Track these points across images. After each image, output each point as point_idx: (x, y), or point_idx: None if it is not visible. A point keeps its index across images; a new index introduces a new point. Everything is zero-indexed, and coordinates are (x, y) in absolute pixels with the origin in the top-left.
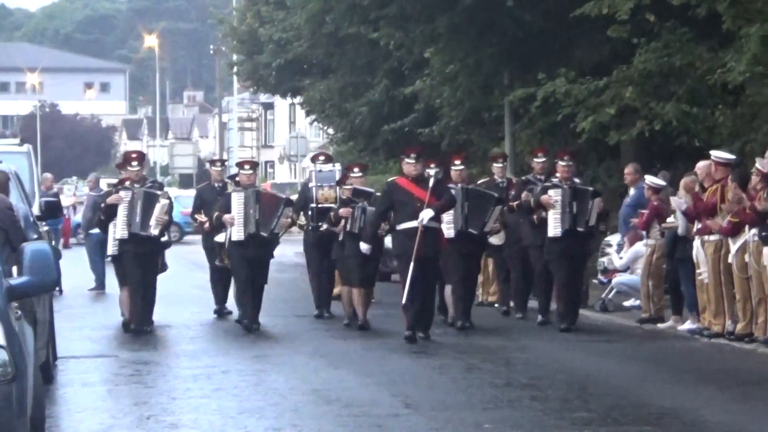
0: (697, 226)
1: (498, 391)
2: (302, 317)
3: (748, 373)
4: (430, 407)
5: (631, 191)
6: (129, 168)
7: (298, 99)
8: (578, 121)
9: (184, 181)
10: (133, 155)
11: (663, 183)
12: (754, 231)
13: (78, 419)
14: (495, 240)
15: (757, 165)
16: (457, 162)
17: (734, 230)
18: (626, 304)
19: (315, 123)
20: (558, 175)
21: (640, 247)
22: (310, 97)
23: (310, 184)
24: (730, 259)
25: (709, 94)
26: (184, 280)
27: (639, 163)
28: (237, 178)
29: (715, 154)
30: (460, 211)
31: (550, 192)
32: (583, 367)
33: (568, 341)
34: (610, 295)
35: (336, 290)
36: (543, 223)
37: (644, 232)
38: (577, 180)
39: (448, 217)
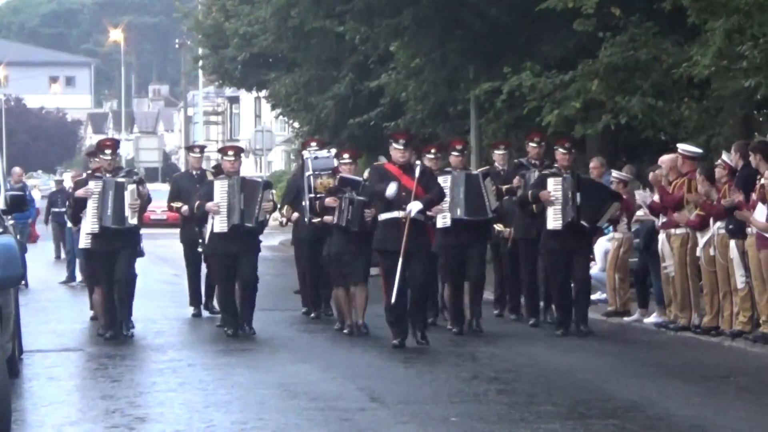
0: (662, 219)
1: (464, 385)
2: (268, 311)
3: (714, 367)
4: (396, 401)
5: None
6: (101, 156)
7: (263, 93)
8: (544, 114)
9: (150, 175)
10: (107, 143)
11: (630, 177)
12: (719, 224)
13: (44, 413)
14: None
15: (723, 158)
16: (458, 147)
17: (702, 224)
18: (592, 297)
19: (280, 117)
20: (557, 163)
21: (605, 243)
22: (276, 91)
23: (306, 173)
24: (698, 253)
25: (674, 87)
26: (150, 274)
27: (604, 157)
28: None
29: (682, 147)
30: (463, 197)
31: (550, 182)
32: (550, 361)
33: (534, 335)
34: None
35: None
36: (543, 213)
37: (609, 227)
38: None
39: (444, 205)
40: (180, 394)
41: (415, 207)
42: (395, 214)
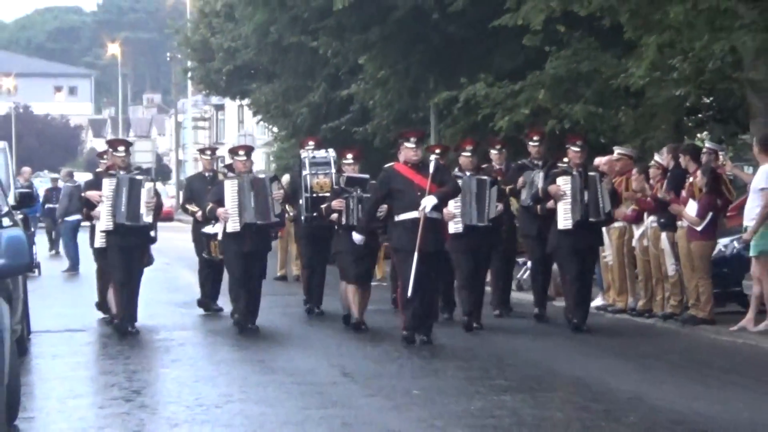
0: None
1: (425, 362)
2: None
3: (648, 345)
4: (364, 376)
5: None
6: (115, 154)
7: (246, 101)
8: (496, 120)
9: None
10: (120, 141)
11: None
12: (652, 218)
13: (49, 387)
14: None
15: (656, 158)
16: (468, 148)
17: (637, 218)
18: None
19: (261, 122)
20: (568, 161)
21: None
22: (257, 99)
23: (304, 173)
24: (633, 243)
25: (613, 96)
26: None
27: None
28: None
29: (618, 149)
30: (473, 202)
31: (559, 180)
32: (502, 341)
33: (487, 319)
34: (525, 275)
35: (281, 272)
36: (547, 213)
37: None
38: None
39: (455, 210)
40: (172, 369)
41: (429, 203)
42: (413, 214)
